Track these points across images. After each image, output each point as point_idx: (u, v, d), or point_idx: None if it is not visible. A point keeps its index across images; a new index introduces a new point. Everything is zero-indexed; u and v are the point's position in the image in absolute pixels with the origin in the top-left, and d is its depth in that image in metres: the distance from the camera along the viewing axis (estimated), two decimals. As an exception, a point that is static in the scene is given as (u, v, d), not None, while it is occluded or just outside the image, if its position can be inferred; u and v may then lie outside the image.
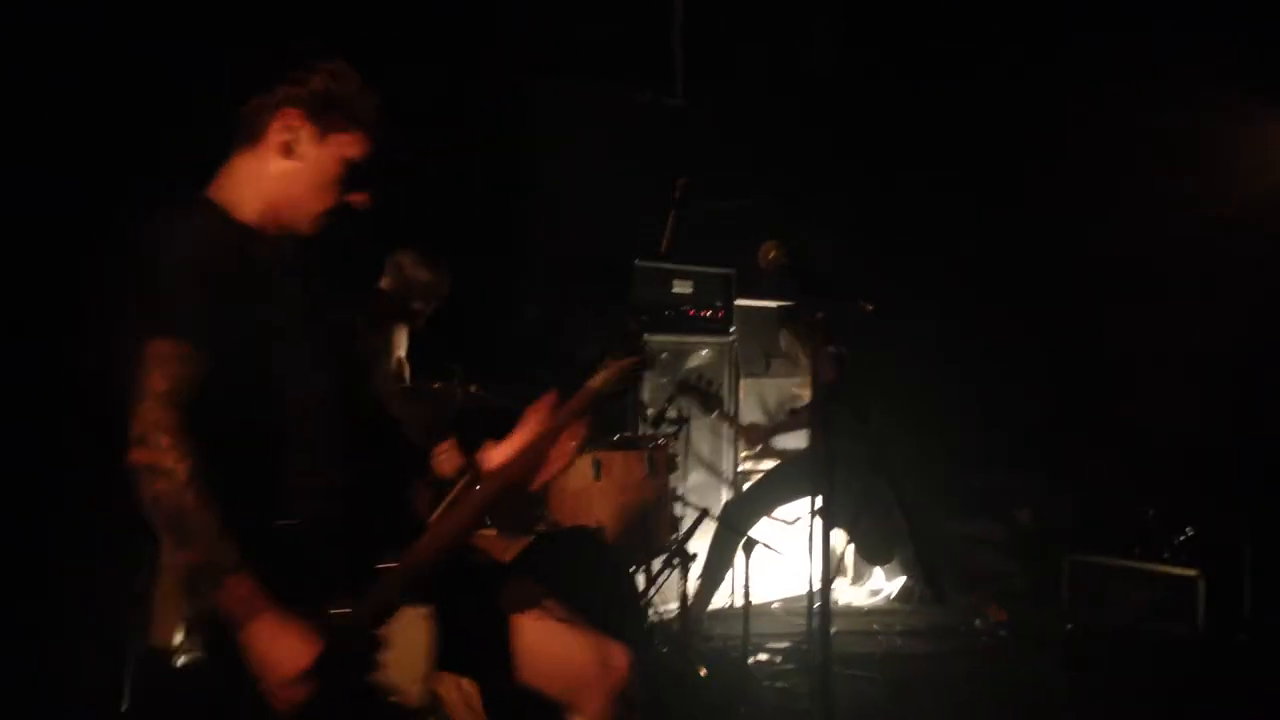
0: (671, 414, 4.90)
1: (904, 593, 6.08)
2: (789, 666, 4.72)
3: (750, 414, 5.91)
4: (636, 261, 5.49)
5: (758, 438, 5.42)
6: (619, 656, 2.29)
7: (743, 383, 5.94)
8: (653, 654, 4.29)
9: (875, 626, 5.52)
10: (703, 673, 4.27)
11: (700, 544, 5.16)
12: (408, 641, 2.06)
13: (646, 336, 5.16)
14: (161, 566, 3.59)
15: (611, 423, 4.80)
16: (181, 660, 3.46)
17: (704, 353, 5.81)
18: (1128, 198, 6.16)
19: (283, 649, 1.92)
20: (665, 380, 5.44)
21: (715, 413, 5.18)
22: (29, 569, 4.11)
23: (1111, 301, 6.27)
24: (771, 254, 2.23)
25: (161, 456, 1.89)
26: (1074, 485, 6.42)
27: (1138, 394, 6.30)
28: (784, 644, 4.99)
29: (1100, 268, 6.29)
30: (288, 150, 2.14)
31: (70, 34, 3.94)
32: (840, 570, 6.38)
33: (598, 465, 4.28)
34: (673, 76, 6.53)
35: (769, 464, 5.75)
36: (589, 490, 4.26)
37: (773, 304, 5.98)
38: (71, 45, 3.94)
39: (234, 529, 1.93)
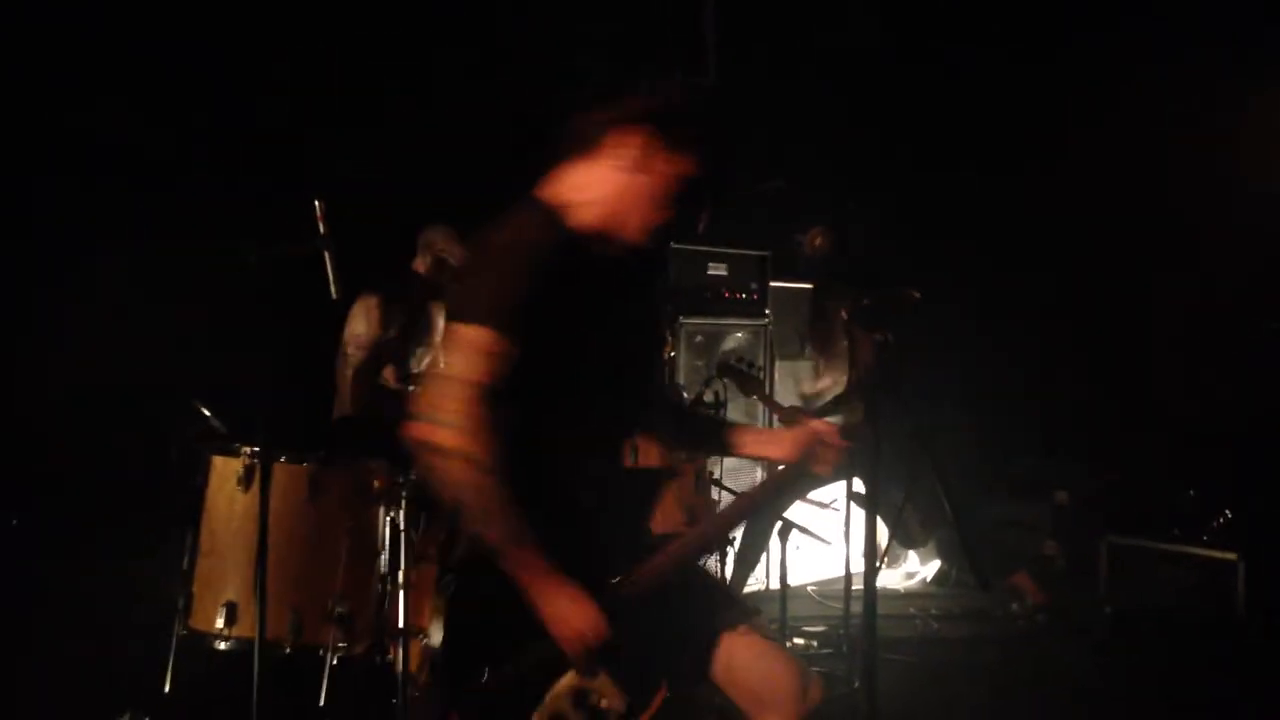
0: (708, 397, 4.88)
1: (940, 576, 6.05)
2: (826, 651, 4.71)
3: (785, 395, 5.88)
4: (672, 243, 5.47)
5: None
6: (816, 688, 2.35)
7: (778, 365, 5.92)
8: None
9: (911, 610, 5.50)
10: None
11: (739, 529, 5.15)
12: (626, 647, 2.12)
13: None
14: (200, 551, 3.65)
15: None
16: (222, 644, 3.52)
17: (739, 335, 5.79)
18: (1171, 178, 6.07)
19: (567, 613, 2.03)
20: (701, 364, 5.43)
21: (754, 395, 5.15)
22: (70, 555, 4.17)
23: (1152, 283, 6.20)
24: (818, 240, 2.22)
25: (445, 437, 1.99)
26: (1112, 467, 6.37)
27: (1177, 376, 6.24)
28: (820, 628, 4.99)
29: (1141, 249, 6.22)
30: (626, 165, 2.18)
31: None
32: (882, 554, 6.36)
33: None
34: (704, 57, 6.48)
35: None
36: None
37: (808, 286, 5.95)
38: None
39: (520, 505, 2.02)
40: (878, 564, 6.57)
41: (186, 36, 4.76)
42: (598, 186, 2.19)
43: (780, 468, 2.35)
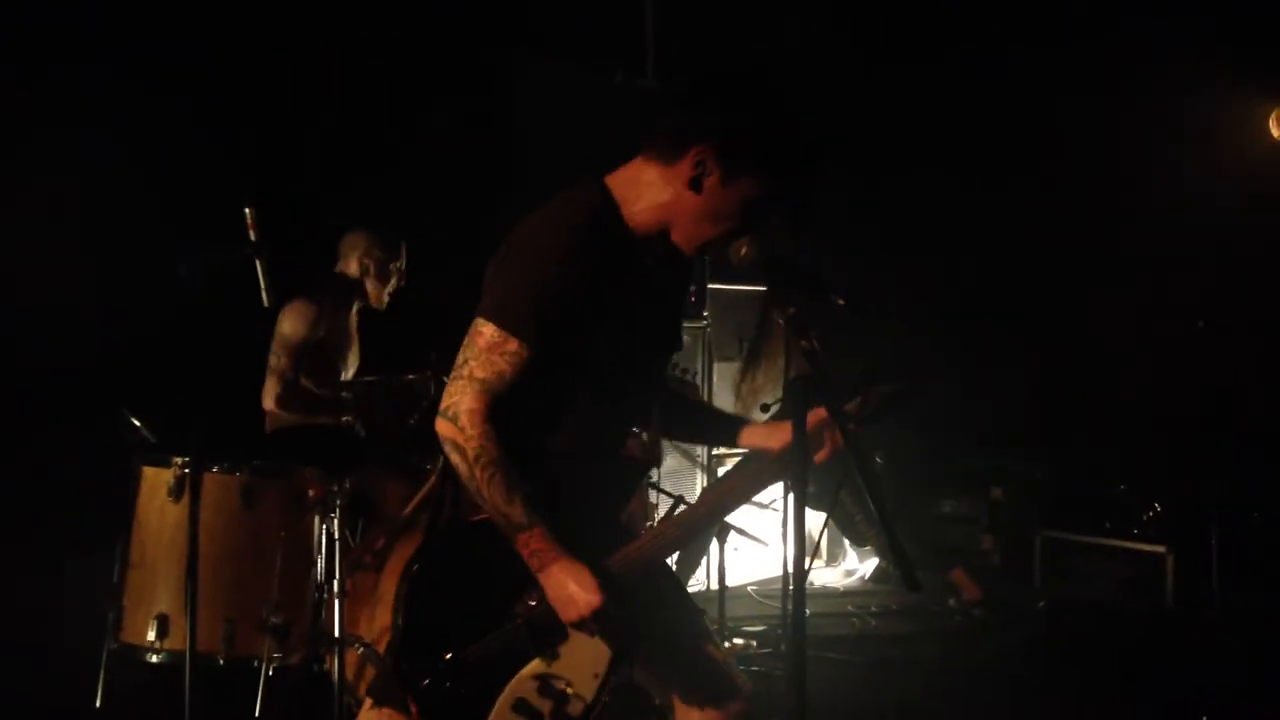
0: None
1: (878, 573, 6.12)
2: (765, 650, 4.75)
3: (723, 398, 5.91)
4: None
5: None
6: (744, 696, 2.38)
7: (716, 367, 5.94)
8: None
9: (850, 608, 5.56)
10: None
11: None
12: (591, 638, 2.14)
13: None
14: (131, 563, 3.59)
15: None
16: (154, 657, 3.47)
17: (677, 337, 5.81)
18: (1108, 176, 6.19)
19: (572, 594, 2.07)
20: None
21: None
22: (2, 568, 4.09)
23: (1087, 283, 6.31)
24: (743, 250, 2.22)
25: (457, 434, 2.07)
26: (1047, 463, 6.48)
27: (1111, 374, 6.36)
28: (759, 627, 5.02)
29: (1076, 249, 6.33)
30: (695, 183, 2.15)
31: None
32: (815, 552, 6.41)
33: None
34: (645, 58, 6.49)
35: (743, 450, 5.76)
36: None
37: (746, 288, 5.98)
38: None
39: (527, 490, 2.08)
40: (813, 562, 6.61)
41: (107, 33, 4.66)
42: (656, 193, 2.18)
43: (770, 462, 2.34)
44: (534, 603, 2.14)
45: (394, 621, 2.15)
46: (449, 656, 2.12)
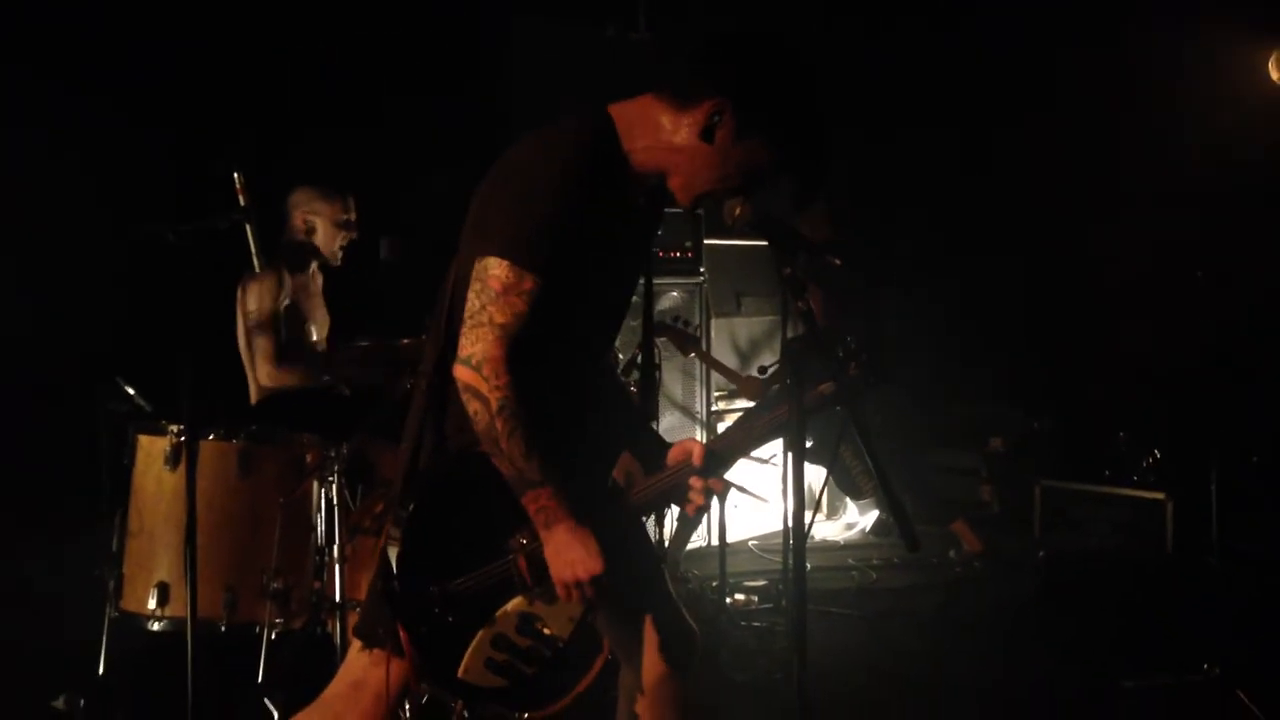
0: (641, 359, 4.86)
1: (879, 526, 6.14)
2: (766, 606, 4.77)
3: (722, 354, 5.89)
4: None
5: (759, 389, 5.27)
6: (695, 638, 2.40)
7: (714, 323, 5.92)
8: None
9: (851, 561, 5.58)
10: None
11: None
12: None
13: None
14: (130, 532, 3.59)
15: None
16: (155, 625, 3.48)
17: (674, 294, 5.79)
18: (1105, 130, 6.13)
19: (575, 558, 2.08)
20: (635, 324, 5.40)
21: (692, 352, 5.15)
22: (2, 538, 4.09)
23: (1083, 229, 6.27)
24: (738, 209, 2.19)
25: (480, 383, 2.04)
26: (1045, 413, 6.48)
27: (1109, 322, 6.33)
28: (760, 582, 5.04)
29: (1074, 198, 6.29)
30: (707, 133, 2.11)
31: None
32: (816, 506, 6.43)
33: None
34: (635, 10, 6.41)
35: (742, 404, 5.75)
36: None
37: (742, 243, 5.94)
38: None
39: (544, 447, 2.06)
40: (814, 516, 6.63)
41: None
42: (663, 135, 2.14)
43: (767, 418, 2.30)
44: (525, 540, 2.14)
45: (384, 550, 2.14)
46: (442, 585, 2.12)
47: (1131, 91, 6.00)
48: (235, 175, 3.22)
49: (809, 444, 5.24)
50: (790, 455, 2.11)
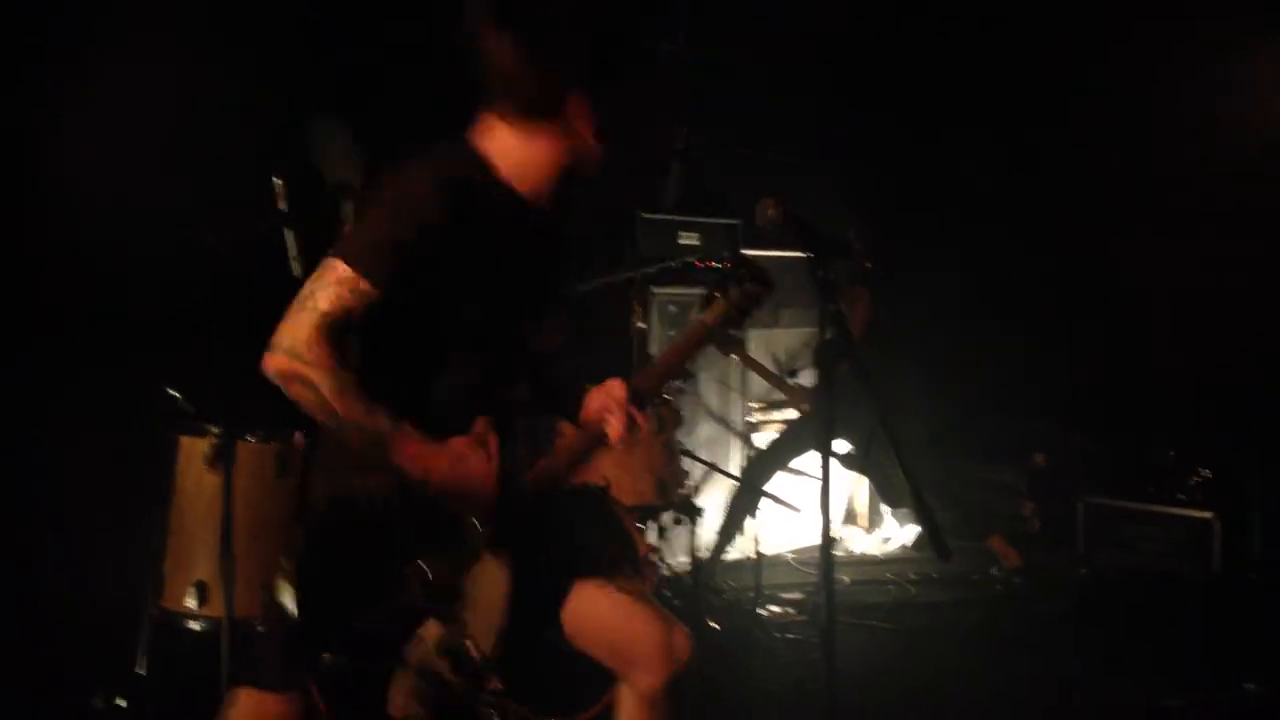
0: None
1: (919, 540, 6.08)
2: (801, 617, 4.74)
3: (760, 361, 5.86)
4: (640, 213, 5.43)
5: (799, 396, 5.21)
6: (683, 642, 2.31)
7: (751, 334, 5.90)
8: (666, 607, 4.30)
9: (889, 575, 5.53)
10: (715, 626, 4.29)
11: (710, 499, 5.17)
12: (487, 591, 2.11)
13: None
14: (170, 531, 3.64)
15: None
16: (194, 624, 3.52)
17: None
18: (1153, 136, 6.05)
19: (465, 469, 2.07)
20: (674, 333, 5.41)
21: (733, 354, 5.13)
22: (45, 536, 4.14)
23: (1128, 243, 6.18)
24: (770, 211, 2.19)
25: (298, 364, 2.01)
26: (1089, 428, 6.39)
27: (1154, 336, 6.25)
28: (796, 595, 5.01)
29: (1116, 206, 6.21)
30: (522, 112, 2.17)
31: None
32: (854, 519, 6.39)
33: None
34: (675, 20, 6.42)
35: (778, 415, 5.74)
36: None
37: (780, 254, 5.93)
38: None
39: (383, 401, 2.05)
40: (853, 525, 6.56)
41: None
42: (510, 144, 2.18)
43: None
44: (423, 565, 2.10)
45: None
46: (344, 631, 2.07)
47: (1171, 101, 5.92)
48: (275, 180, 3.26)
49: (848, 450, 5.20)
50: (820, 455, 2.10)
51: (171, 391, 3.84)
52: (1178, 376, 5.99)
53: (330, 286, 2.05)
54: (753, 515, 4.31)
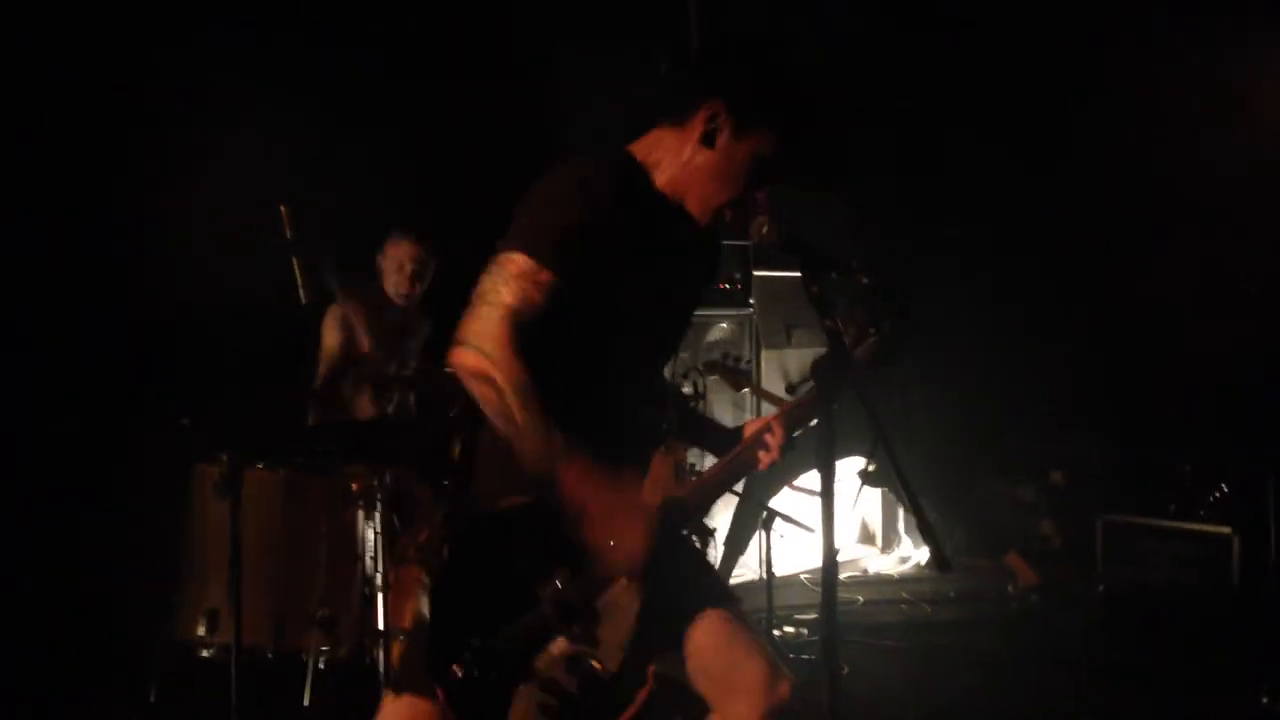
0: (687, 389, 4.86)
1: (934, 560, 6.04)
2: (815, 638, 4.71)
3: (773, 386, 5.85)
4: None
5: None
6: (785, 684, 2.27)
7: (764, 354, 5.90)
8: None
9: (904, 594, 5.49)
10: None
11: (721, 519, 5.15)
12: (617, 610, 2.11)
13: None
14: (182, 558, 3.65)
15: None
16: (205, 652, 3.53)
17: (724, 326, 5.78)
18: (1165, 145, 6.01)
19: (619, 527, 2.01)
20: (685, 355, 5.41)
21: (746, 388, 5.12)
22: (58, 562, 4.17)
23: (1146, 262, 6.14)
24: (764, 229, 2.19)
25: (485, 363, 1.98)
26: (1108, 445, 6.35)
27: (1173, 352, 6.20)
28: (811, 616, 4.98)
29: (1132, 224, 6.18)
30: (708, 138, 2.15)
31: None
32: (870, 539, 6.36)
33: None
34: (689, 41, 6.45)
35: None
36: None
37: (792, 274, 5.92)
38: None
39: (561, 423, 1.99)
40: (868, 545, 6.50)
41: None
42: (673, 156, 2.18)
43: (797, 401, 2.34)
44: (559, 584, 2.11)
45: (418, 611, 2.14)
46: (476, 643, 2.09)
47: (1184, 109, 5.89)
48: (281, 208, 3.30)
49: (871, 468, 5.17)
50: (821, 474, 2.09)
51: (184, 419, 3.87)
52: (1195, 390, 5.94)
53: (512, 280, 2.01)
54: (764, 530, 4.28)
